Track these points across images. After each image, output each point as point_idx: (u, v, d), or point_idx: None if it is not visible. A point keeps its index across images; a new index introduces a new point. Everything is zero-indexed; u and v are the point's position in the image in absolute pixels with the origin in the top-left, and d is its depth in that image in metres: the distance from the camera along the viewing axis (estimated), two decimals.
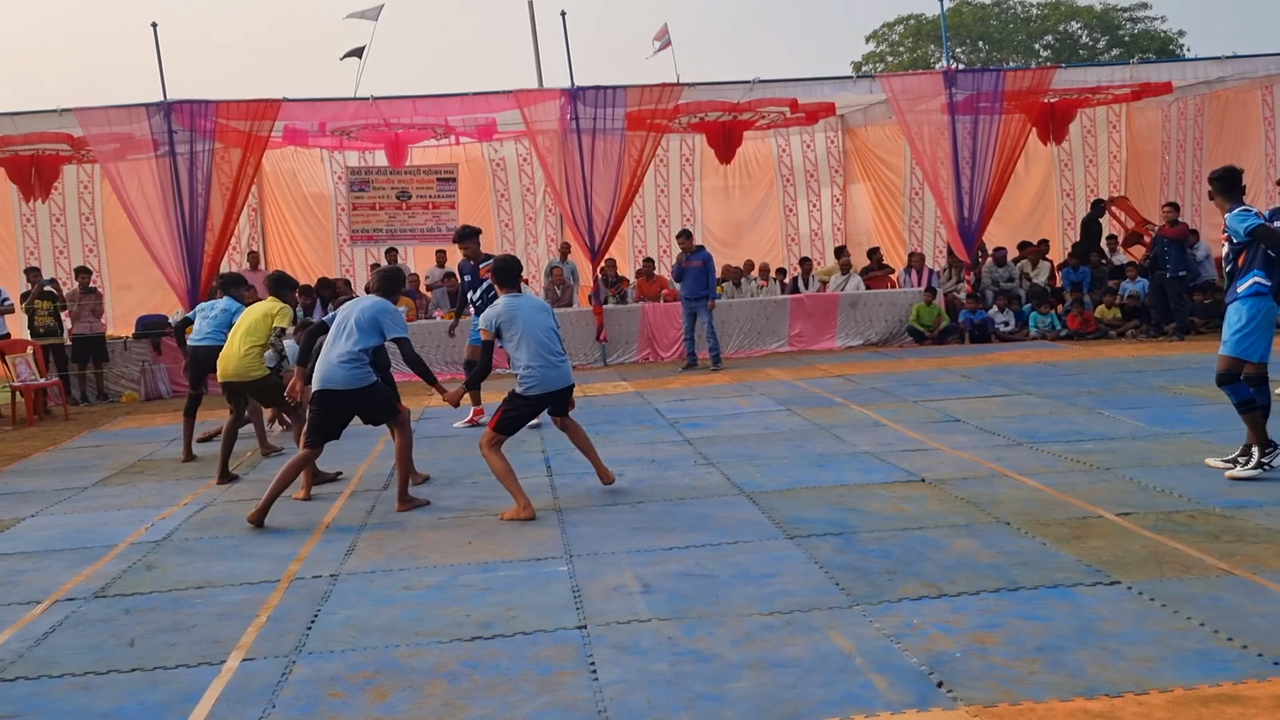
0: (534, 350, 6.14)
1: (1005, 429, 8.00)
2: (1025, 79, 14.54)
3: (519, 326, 6.16)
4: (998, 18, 41.82)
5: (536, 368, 6.15)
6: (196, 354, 8.37)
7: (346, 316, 6.30)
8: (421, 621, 4.43)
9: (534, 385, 6.17)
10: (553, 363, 6.21)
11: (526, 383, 6.18)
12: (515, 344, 6.17)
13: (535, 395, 6.20)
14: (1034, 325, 14.27)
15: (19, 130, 13.68)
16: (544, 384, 6.18)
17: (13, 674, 4.09)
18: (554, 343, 6.29)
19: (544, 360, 6.17)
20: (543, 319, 6.30)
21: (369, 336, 6.20)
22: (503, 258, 6.60)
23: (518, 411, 6.23)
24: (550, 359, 6.21)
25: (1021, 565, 4.72)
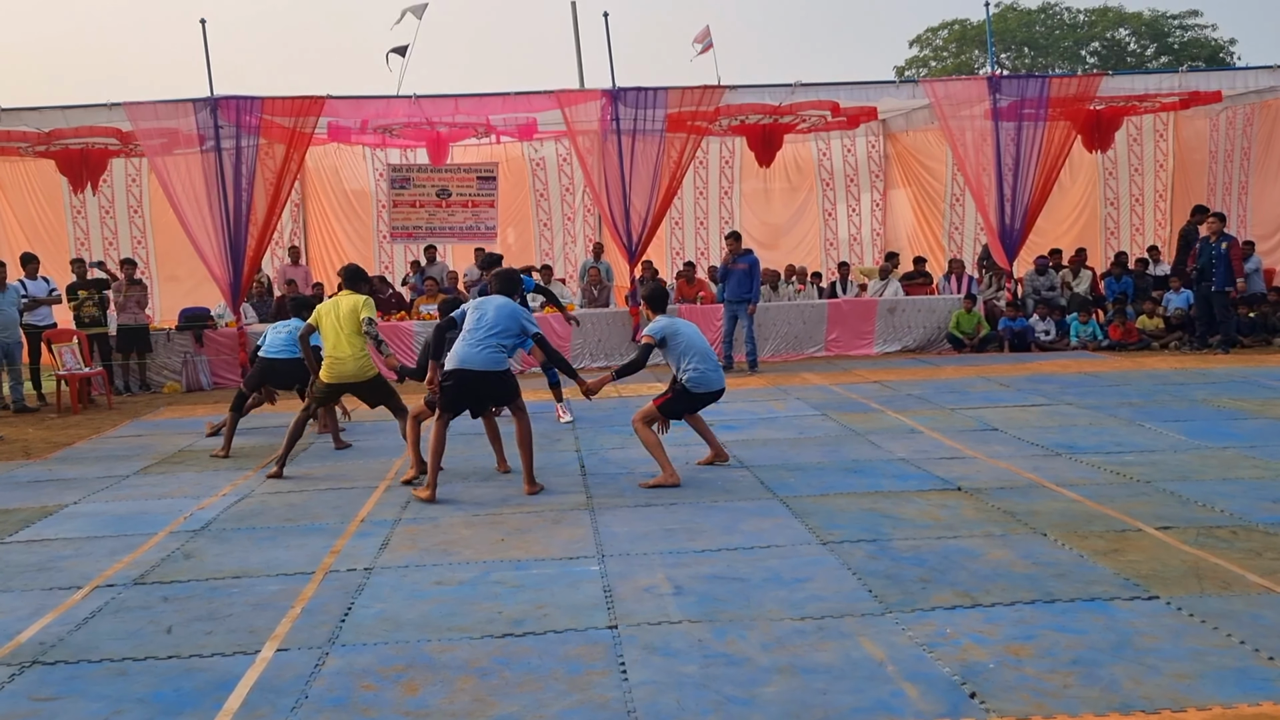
0: (702, 354, 7.08)
1: (1044, 439, 7.91)
2: (1071, 86, 14.37)
3: (682, 338, 7.10)
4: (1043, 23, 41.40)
5: (704, 370, 7.00)
6: (275, 365, 8.57)
7: (483, 312, 6.85)
8: (454, 617, 4.45)
9: (700, 384, 6.99)
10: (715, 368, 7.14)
11: (694, 380, 6.99)
12: (679, 351, 7.08)
13: (700, 392, 7.03)
14: (1075, 335, 14.09)
15: (70, 124, 13.93)
16: (707, 383, 7.01)
17: (53, 657, 4.16)
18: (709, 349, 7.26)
19: (709, 363, 7.07)
20: (697, 331, 7.35)
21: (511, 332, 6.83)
22: (652, 286, 7.78)
23: (682, 403, 7.11)
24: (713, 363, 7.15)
25: (1058, 577, 4.67)
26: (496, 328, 6.74)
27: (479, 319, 6.80)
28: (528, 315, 7.04)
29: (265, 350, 8.65)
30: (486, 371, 6.69)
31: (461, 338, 6.79)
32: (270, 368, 8.63)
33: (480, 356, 6.67)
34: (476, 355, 6.66)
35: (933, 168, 17.97)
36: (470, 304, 7.02)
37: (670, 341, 7.09)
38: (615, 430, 8.99)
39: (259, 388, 8.92)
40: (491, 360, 6.70)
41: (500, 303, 6.91)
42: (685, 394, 7.05)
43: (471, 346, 6.69)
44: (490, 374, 6.71)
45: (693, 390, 7.01)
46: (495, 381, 6.77)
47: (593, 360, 13.94)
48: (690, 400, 7.09)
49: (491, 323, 6.76)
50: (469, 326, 6.81)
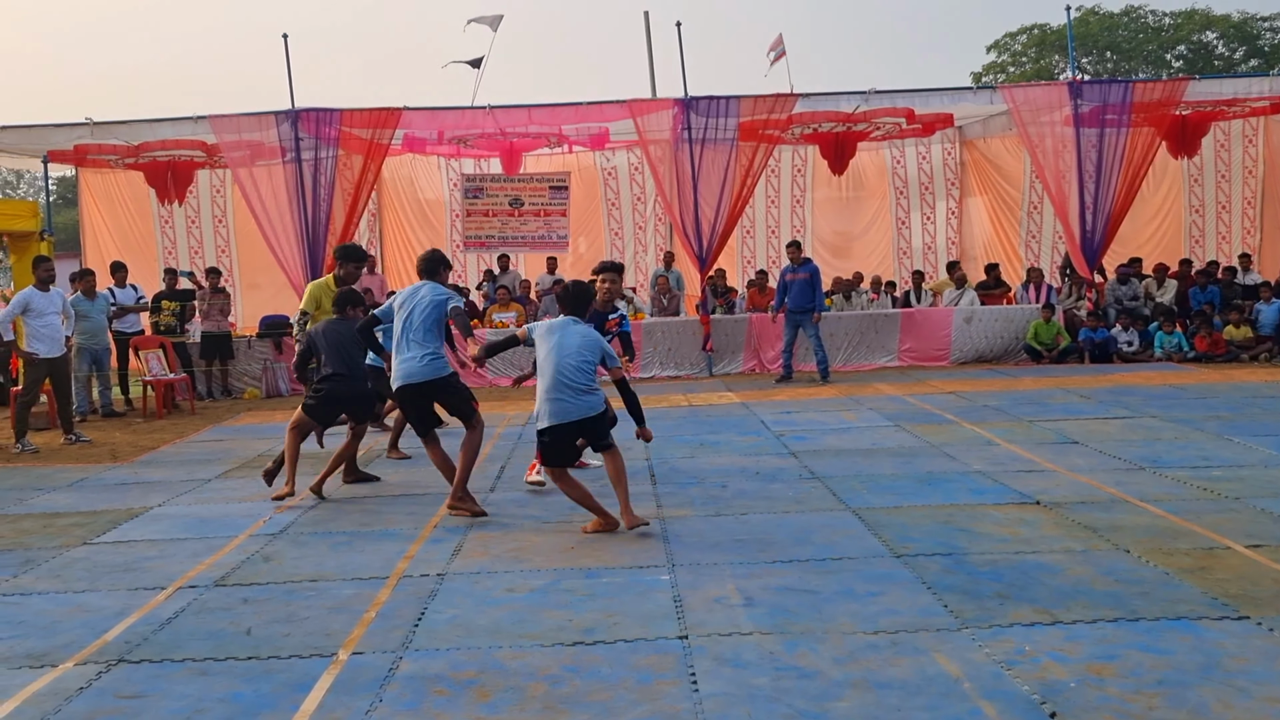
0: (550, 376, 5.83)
1: (1126, 453, 7.70)
2: (1155, 91, 14.03)
3: (540, 351, 5.93)
4: (1127, 27, 40.50)
5: (542, 397, 5.87)
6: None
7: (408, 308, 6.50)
8: (524, 624, 4.48)
9: (543, 416, 5.89)
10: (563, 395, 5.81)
11: (538, 410, 5.94)
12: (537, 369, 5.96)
13: (547, 426, 5.88)
14: (1159, 346, 13.71)
15: (157, 136, 14.40)
16: (550, 415, 5.85)
17: (138, 656, 4.28)
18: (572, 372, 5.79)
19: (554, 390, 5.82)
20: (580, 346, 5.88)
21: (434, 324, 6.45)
22: (575, 285, 6.33)
23: (548, 445, 5.97)
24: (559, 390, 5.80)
25: (1142, 595, 4.54)
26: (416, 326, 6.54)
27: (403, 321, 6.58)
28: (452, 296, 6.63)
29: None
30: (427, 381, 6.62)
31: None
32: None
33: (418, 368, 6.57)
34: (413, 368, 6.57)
35: (1010, 175, 17.65)
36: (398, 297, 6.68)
37: (535, 348, 6.04)
38: (684, 440, 8.98)
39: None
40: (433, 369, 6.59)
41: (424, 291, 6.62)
42: (540, 433, 5.93)
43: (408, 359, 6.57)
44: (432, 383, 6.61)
45: (539, 425, 5.89)
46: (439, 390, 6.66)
47: (662, 369, 13.95)
48: (549, 437, 5.88)
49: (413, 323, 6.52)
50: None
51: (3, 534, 6.53)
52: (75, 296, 11.52)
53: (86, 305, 11.61)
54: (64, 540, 6.30)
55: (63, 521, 6.81)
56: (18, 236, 12.11)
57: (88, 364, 11.69)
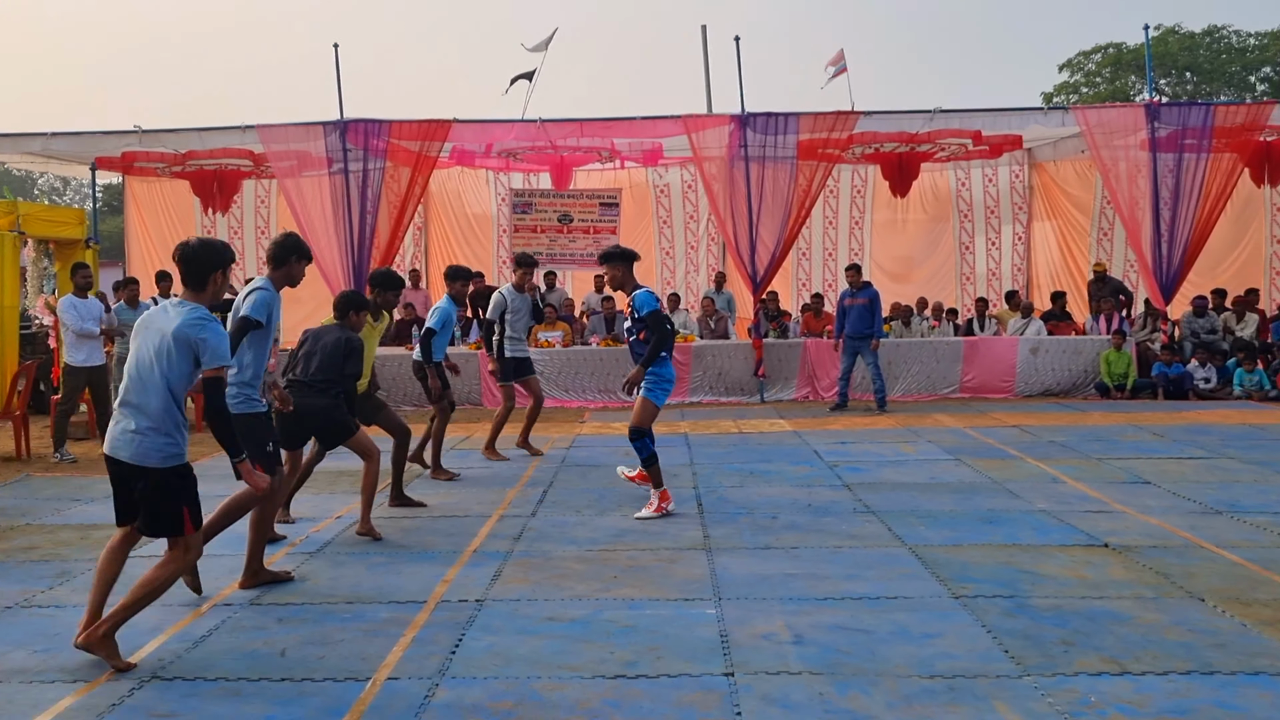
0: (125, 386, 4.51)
1: (1202, 495, 7.55)
2: (1238, 114, 13.83)
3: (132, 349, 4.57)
4: (1208, 48, 39.95)
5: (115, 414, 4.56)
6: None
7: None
8: (564, 655, 4.48)
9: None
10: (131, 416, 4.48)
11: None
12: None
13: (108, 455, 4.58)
14: (1238, 383, 13.44)
15: (205, 145, 14.71)
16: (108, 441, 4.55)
17: (171, 674, 4.34)
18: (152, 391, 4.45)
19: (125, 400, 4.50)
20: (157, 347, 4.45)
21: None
22: (182, 244, 4.68)
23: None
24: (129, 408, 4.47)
25: (1217, 647, 4.44)
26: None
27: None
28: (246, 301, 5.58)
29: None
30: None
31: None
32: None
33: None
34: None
35: (1080, 200, 17.46)
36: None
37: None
38: (733, 468, 8.95)
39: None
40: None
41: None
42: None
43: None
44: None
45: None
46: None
47: (711, 393, 13.92)
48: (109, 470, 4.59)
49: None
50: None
51: (39, 544, 6.68)
52: (118, 305, 11.77)
53: (129, 314, 11.82)
54: (100, 553, 6.39)
55: (99, 533, 6.93)
56: (64, 244, 12.43)
57: None
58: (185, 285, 4.59)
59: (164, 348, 4.42)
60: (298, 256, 5.77)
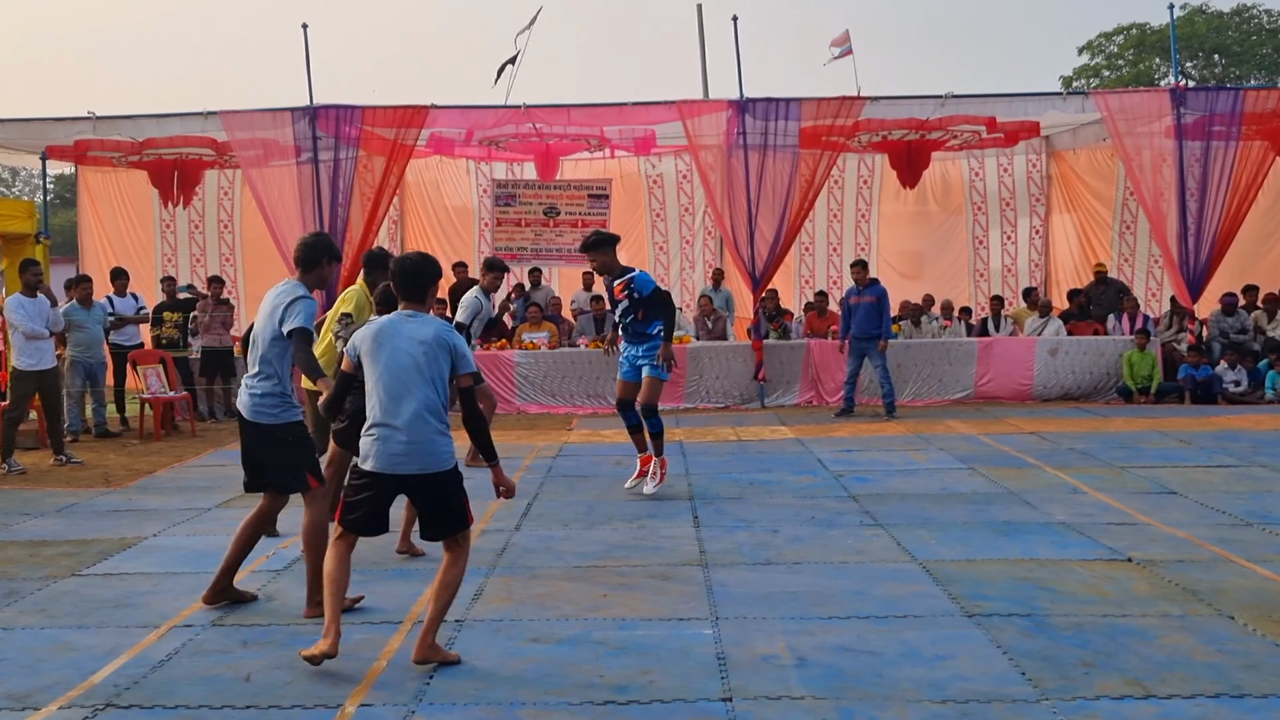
0: (385, 400, 4.68)
1: (1232, 506, 7.58)
2: (1270, 99, 13.88)
3: (373, 372, 4.75)
4: (1237, 29, 40.12)
5: (379, 432, 4.69)
6: None
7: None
8: (550, 679, 4.48)
9: (367, 454, 4.73)
10: (407, 429, 4.64)
11: (363, 446, 4.78)
12: (370, 387, 4.77)
13: (369, 471, 4.72)
14: (1271, 386, 13.50)
15: (164, 133, 14.67)
16: (376, 457, 4.69)
17: (127, 701, 4.33)
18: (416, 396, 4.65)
19: (395, 420, 4.65)
20: (418, 357, 4.69)
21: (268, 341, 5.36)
22: (405, 257, 5.09)
23: (355, 496, 4.80)
24: (402, 420, 4.64)
25: (1248, 668, 4.46)
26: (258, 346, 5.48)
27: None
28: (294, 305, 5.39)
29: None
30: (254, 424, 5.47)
31: None
32: None
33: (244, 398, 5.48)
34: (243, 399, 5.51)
35: (1101, 191, 17.53)
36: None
37: (365, 367, 4.80)
38: (732, 478, 8.97)
39: None
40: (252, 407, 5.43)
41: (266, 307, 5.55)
42: (354, 477, 4.87)
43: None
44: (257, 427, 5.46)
45: (360, 466, 4.77)
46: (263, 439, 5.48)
47: (708, 398, 13.93)
48: (364, 490, 4.73)
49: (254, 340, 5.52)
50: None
51: None
52: (69, 305, 11.74)
53: (81, 315, 11.81)
54: (51, 571, 6.40)
55: (50, 550, 6.92)
56: (12, 238, 12.36)
57: (81, 379, 11.89)
58: (406, 298, 4.86)
59: (423, 357, 4.67)
60: (329, 258, 5.71)
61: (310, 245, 5.67)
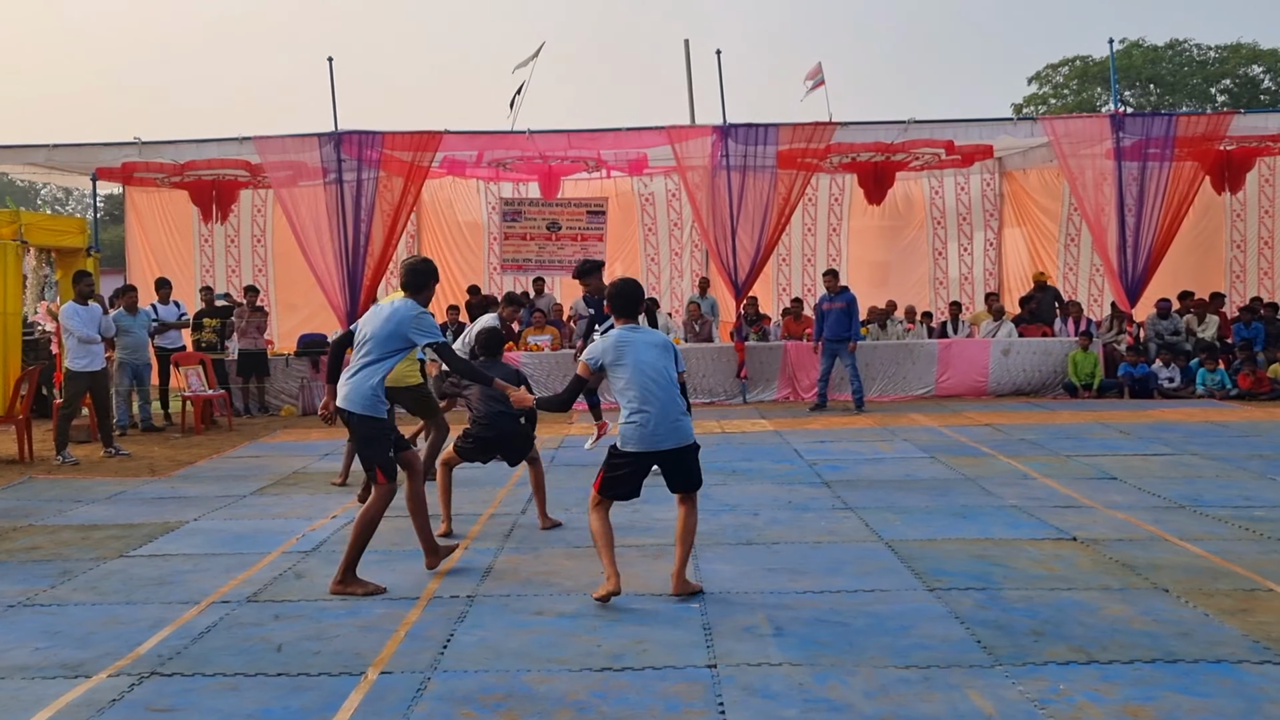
0: (643, 394, 5.08)
1: (1166, 490, 7.59)
2: (1199, 124, 13.90)
3: (625, 370, 5.13)
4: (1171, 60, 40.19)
5: (642, 419, 5.07)
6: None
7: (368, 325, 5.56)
8: (553, 648, 4.47)
9: (630, 439, 5.12)
10: (660, 415, 5.08)
11: (624, 434, 5.15)
12: (621, 387, 5.15)
13: (632, 452, 5.13)
14: (1201, 383, 13.52)
15: (203, 156, 14.65)
16: (643, 440, 5.10)
17: (170, 669, 4.32)
18: (669, 390, 5.15)
19: (655, 409, 5.07)
20: (657, 358, 5.19)
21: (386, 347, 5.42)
22: (619, 282, 5.46)
23: (617, 471, 5.19)
24: (663, 409, 5.09)
25: (1181, 636, 4.46)
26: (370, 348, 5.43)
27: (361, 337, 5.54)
28: (421, 321, 5.46)
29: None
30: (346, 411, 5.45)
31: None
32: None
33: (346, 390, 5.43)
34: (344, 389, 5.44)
35: (1049, 207, 17.54)
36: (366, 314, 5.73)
37: (610, 373, 5.17)
38: (716, 467, 8.95)
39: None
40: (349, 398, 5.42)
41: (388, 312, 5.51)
42: (612, 455, 5.19)
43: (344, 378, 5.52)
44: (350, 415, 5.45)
45: (620, 448, 5.13)
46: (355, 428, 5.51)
47: (695, 395, 13.90)
48: (624, 464, 5.14)
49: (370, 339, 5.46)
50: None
51: (42, 545, 6.63)
52: (117, 312, 11.72)
53: (128, 321, 11.80)
54: (101, 552, 6.38)
55: (100, 534, 6.90)
56: (65, 252, 12.34)
57: (129, 378, 11.88)
58: (624, 316, 5.32)
59: (667, 355, 5.25)
60: (435, 279, 5.79)
61: (421, 271, 5.66)
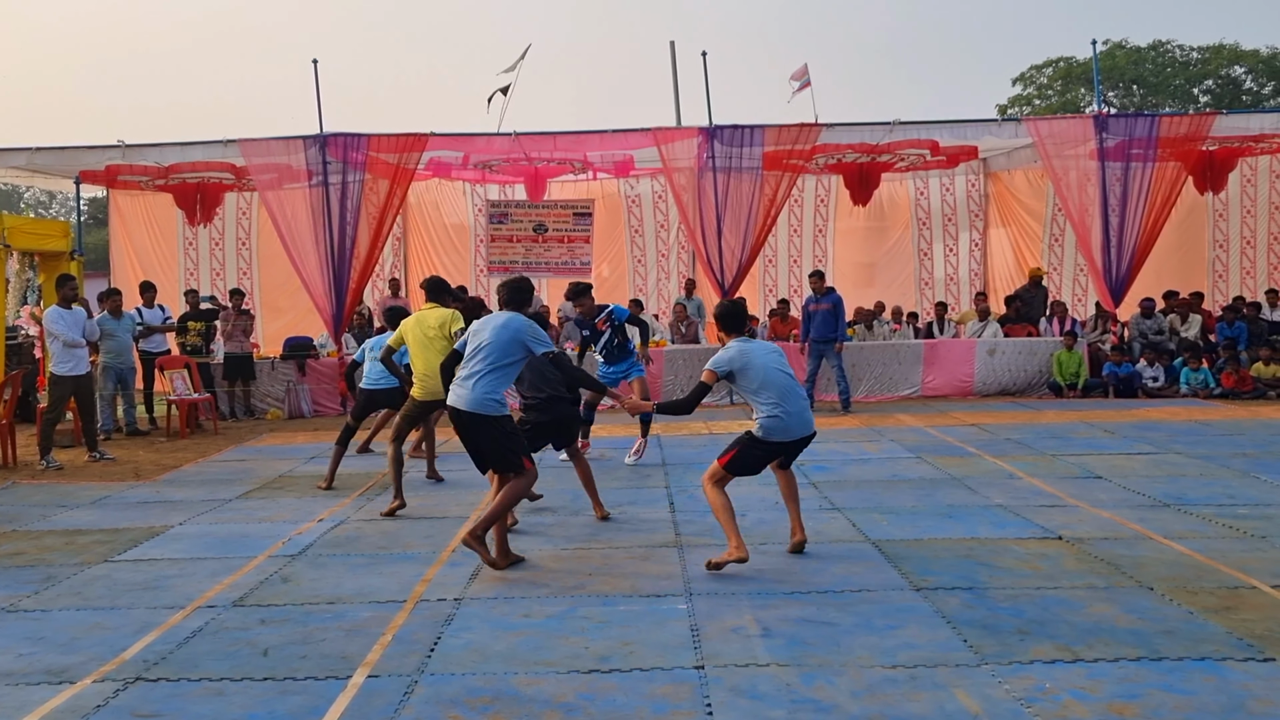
0: (781, 392, 5.74)
1: (1150, 489, 7.63)
2: (1182, 125, 13.99)
3: (755, 371, 5.76)
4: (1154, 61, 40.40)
5: (781, 413, 5.70)
6: (375, 397, 8.71)
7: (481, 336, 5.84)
8: (540, 650, 4.47)
9: (774, 431, 5.74)
10: (798, 411, 5.77)
11: (767, 427, 5.74)
12: (752, 389, 5.78)
13: (775, 441, 5.78)
14: (1185, 382, 13.60)
15: (187, 159, 14.59)
16: (784, 431, 5.74)
17: (155, 675, 4.29)
18: (797, 388, 5.90)
19: (791, 404, 5.73)
20: (779, 362, 5.91)
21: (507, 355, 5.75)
22: (726, 304, 6.22)
23: (754, 455, 5.83)
24: (796, 403, 5.78)
25: (1165, 634, 4.48)
26: (492, 354, 5.71)
27: (475, 346, 5.82)
28: (535, 332, 5.84)
29: (366, 380, 8.78)
30: (474, 414, 5.70)
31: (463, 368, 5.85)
32: (371, 398, 8.75)
33: (470, 395, 5.71)
34: (466, 393, 5.71)
35: (1033, 207, 17.62)
36: (473, 326, 6.02)
37: (740, 378, 5.81)
38: (703, 467, 8.88)
39: (364, 418, 9.04)
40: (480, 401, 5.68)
41: (500, 322, 5.83)
42: (755, 442, 5.82)
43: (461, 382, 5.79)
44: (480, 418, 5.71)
45: (765, 439, 5.78)
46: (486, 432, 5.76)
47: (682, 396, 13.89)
48: (763, 450, 5.83)
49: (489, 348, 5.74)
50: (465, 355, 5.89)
51: (25, 550, 6.59)
52: (101, 316, 11.64)
53: (112, 324, 11.72)
54: (85, 557, 6.34)
55: (84, 539, 6.86)
56: (49, 256, 12.28)
57: (113, 382, 11.80)
58: (734, 332, 6.03)
59: (783, 358, 5.98)
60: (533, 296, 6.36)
61: (526, 289, 6.14)
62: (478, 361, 5.74)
